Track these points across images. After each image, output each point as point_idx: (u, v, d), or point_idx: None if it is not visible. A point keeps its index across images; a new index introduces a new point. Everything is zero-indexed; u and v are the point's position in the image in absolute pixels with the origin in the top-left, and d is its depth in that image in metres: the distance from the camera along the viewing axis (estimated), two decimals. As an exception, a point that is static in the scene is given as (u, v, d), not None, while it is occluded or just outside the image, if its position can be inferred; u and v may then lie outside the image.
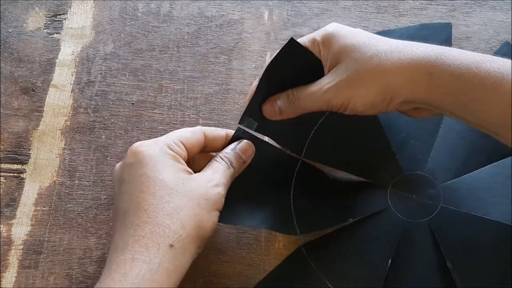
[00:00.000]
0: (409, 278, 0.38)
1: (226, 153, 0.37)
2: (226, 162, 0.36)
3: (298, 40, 0.37)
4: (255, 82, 0.39)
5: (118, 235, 0.31)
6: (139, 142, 0.35)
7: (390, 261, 0.38)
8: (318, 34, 0.37)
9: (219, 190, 0.34)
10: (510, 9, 0.50)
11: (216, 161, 0.36)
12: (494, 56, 0.32)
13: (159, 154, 0.34)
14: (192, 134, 0.37)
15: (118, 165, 0.35)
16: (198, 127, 0.38)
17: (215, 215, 0.34)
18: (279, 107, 0.37)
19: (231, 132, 0.38)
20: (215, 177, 0.35)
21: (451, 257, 0.37)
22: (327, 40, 0.36)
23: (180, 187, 0.32)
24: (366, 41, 0.35)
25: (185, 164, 0.35)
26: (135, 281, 0.29)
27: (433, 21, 0.49)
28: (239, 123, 0.38)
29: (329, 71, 0.36)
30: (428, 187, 0.40)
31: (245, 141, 0.38)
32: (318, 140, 0.42)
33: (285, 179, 0.42)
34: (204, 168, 0.36)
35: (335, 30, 0.36)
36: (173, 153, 0.34)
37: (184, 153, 0.35)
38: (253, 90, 0.38)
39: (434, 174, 0.41)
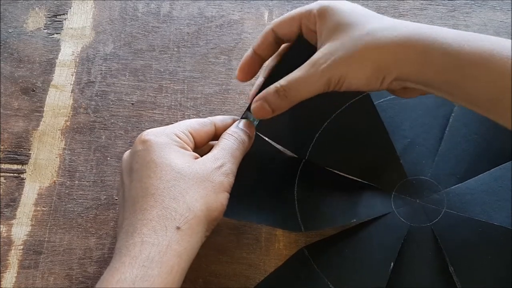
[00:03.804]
0: (411, 281, 0.38)
1: (231, 129, 0.37)
2: (233, 136, 0.36)
3: (295, 10, 0.37)
4: (259, 80, 0.39)
5: (127, 222, 0.32)
6: (147, 131, 0.35)
7: (392, 264, 0.38)
8: (313, 6, 0.36)
9: (224, 170, 0.34)
10: (510, 9, 0.50)
11: (223, 138, 0.36)
12: (487, 35, 0.32)
13: (166, 141, 0.34)
14: (201, 125, 0.37)
15: (126, 154, 0.36)
16: (208, 118, 0.38)
17: (222, 197, 0.34)
18: (269, 104, 0.36)
19: (238, 118, 0.39)
20: (221, 155, 0.35)
21: (453, 262, 0.37)
22: (323, 13, 0.36)
23: (186, 170, 0.33)
24: (361, 19, 0.35)
25: (191, 151, 0.35)
26: (145, 263, 0.29)
27: (433, 21, 0.49)
28: (241, 118, 0.38)
29: (321, 44, 0.35)
30: (432, 192, 0.40)
31: (243, 120, 0.38)
32: (322, 144, 0.42)
33: (289, 176, 0.42)
34: (213, 147, 0.36)
35: (332, 4, 0.36)
36: (180, 140, 0.35)
37: (191, 143, 0.36)
38: (257, 88, 0.38)
39: (438, 179, 0.41)
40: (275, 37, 0.38)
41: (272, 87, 0.35)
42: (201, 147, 0.38)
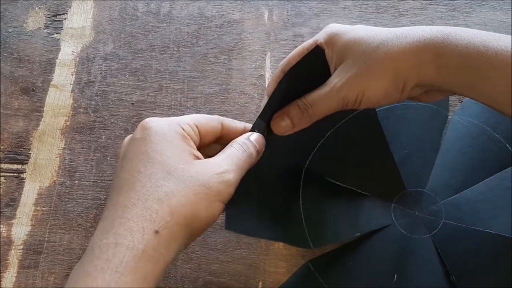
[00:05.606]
0: None
1: (242, 139, 0.35)
2: (243, 148, 0.34)
3: (300, 46, 0.37)
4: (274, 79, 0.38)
5: (106, 214, 0.30)
6: (150, 118, 0.33)
7: (395, 276, 0.38)
8: (319, 36, 0.37)
9: (226, 178, 0.32)
10: (510, 9, 0.50)
11: (232, 146, 0.34)
12: (501, 34, 0.32)
13: (166, 131, 0.32)
14: (208, 120, 0.35)
15: (127, 138, 0.34)
16: (216, 116, 0.36)
17: (216, 206, 0.31)
18: (291, 119, 0.36)
19: (249, 126, 0.37)
20: (226, 162, 0.32)
21: (454, 271, 0.37)
22: (330, 39, 0.36)
23: (179, 171, 0.31)
24: (368, 33, 0.34)
25: (194, 147, 0.33)
26: (118, 269, 0.27)
27: (433, 21, 0.49)
28: (251, 129, 0.37)
29: (335, 69, 0.35)
30: (430, 204, 0.40)
31: (256, 133, 0.36)
32: (323, 153, 0.42)
33: (293, 187, 0.41)
34: (218, 153, 0.33)
35: (336, 29, 0.36)
36: (183, 132, 0.33)
37: (196, 137, 0.34)
38: (273, 83, 0.37)
39: (435, 191, 0.41)
40: None
41: (293, 103, 0.36)
42: (206, 144, 0.36)
